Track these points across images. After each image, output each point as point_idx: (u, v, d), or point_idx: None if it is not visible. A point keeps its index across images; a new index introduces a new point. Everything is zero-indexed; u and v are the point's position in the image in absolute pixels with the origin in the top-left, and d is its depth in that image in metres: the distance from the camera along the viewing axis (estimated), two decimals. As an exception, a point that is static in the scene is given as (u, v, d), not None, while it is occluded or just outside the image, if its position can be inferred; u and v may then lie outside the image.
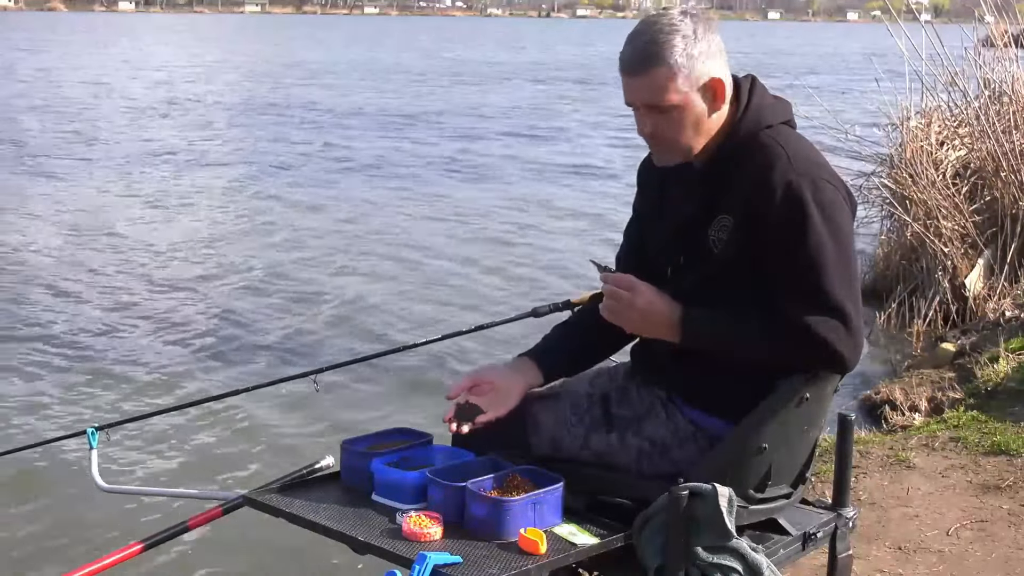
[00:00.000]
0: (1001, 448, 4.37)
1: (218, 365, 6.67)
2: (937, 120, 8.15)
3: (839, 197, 2.21)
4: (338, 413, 5.80)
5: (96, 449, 3.29)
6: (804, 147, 2.25)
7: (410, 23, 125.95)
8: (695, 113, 2.21)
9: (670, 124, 2.21)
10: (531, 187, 13.68)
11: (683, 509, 2.08)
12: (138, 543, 2.94)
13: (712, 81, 2.20)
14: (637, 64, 2.19)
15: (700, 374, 2.27)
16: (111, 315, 7.70)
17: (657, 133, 2.24)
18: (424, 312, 7.90)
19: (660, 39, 2.17)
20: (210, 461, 5.24)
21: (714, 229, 2.23)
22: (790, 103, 2.35)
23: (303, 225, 11.10)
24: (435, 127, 20.19)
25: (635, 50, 2.19)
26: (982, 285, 7.13)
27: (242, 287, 8.55)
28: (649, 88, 2.19)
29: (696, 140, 2.23)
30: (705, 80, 2.19)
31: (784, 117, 2.30)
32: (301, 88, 28.42)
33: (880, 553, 3.57)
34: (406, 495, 2.20)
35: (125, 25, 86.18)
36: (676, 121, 2.21)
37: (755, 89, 2.29)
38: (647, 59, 2.17)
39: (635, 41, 2.20)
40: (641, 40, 2.19)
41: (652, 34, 2.18)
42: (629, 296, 2.21)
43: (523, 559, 2.01)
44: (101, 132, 18.39)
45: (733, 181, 2.23)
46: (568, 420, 2.37)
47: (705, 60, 2.18)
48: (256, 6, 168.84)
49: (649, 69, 2.17)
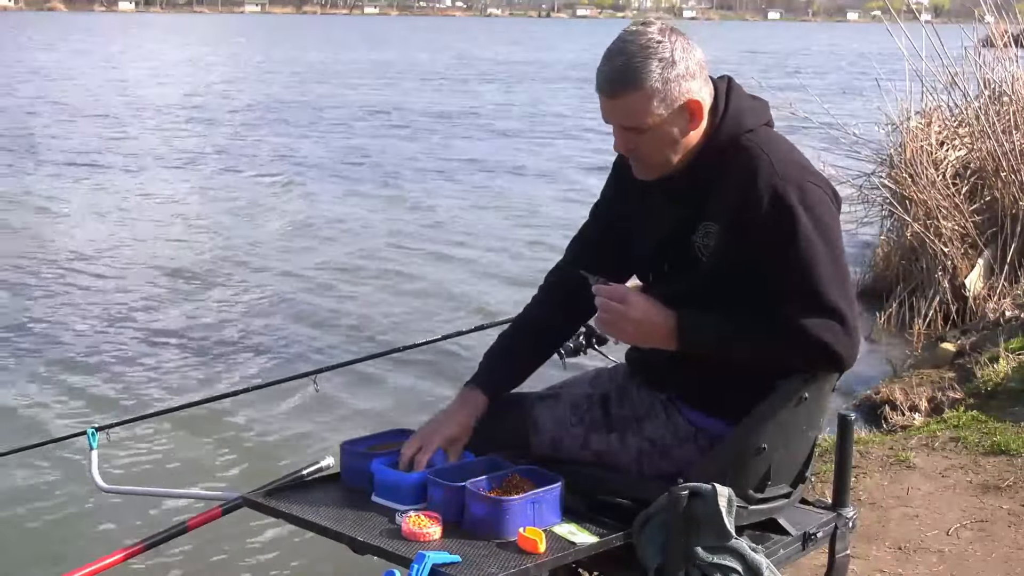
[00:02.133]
0: (1001, 448, 4.37)
1: (218, 365, 6.67)
2: (937, 120, 8.15)
3: (825, 197, 2.20)
4: (338, 413, 5.80)
5: (96, 449, 3.30)
6: (786, 149, 2.24)
7: (411, 23, 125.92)
8: (672, 134, 2.20)
9: (647, 144, 2.21)
10: (534, 187, 13.69)
11: (683, 509, 2.08)
12: (138, 543, 2.95)
13: (689, 103, 2.18)
14: (613, 87, 2.17)
15: (699, 375, 2.26)
16: (111, 315, 7.70)
17: (634, 151, 2.24)
18: (424, 312, 7.90)
19: (635, 64, 2.14)
20: (210, 461, 5.24)
21: (699, 236, 2.23)
22: (767, 102, 2.33)
23: (303, 225, 11.11)
24: (437, 128, 20.20)
25: (611, 71, 2.17)
26: (982, 285, 7.13)
27: (242, 287, 8.55)
28: (625, 111, 2.18)
29: (674, 156, 2.23)
30: (682, 102, 2.17)
31: (763, 119, 2.28)
32: (301, 89, 28.42)
33: (880, 553, 3.57)
34: (406, 495, 2.20)
35: (125, 25, 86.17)
36: (653, 141, 2.20)
37: (732, 92, 2.27)
38: (623, 83, 2.15)
39: (612, 62, 2.17)
40: (618, 62, 2.16)
41: (628, 56, 2.15)
42: (623, 308, 2.19)
43: (522, 558, 2.00)
44: (108, 132, 18.39)
45: (717, 187, 2.22)
46: (568, 420, 2.37)
47: (682, 82, 2.16)
48: (256, 6, 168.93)
49: (625, 93, 2.16)
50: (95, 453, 3.30)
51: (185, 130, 18.98)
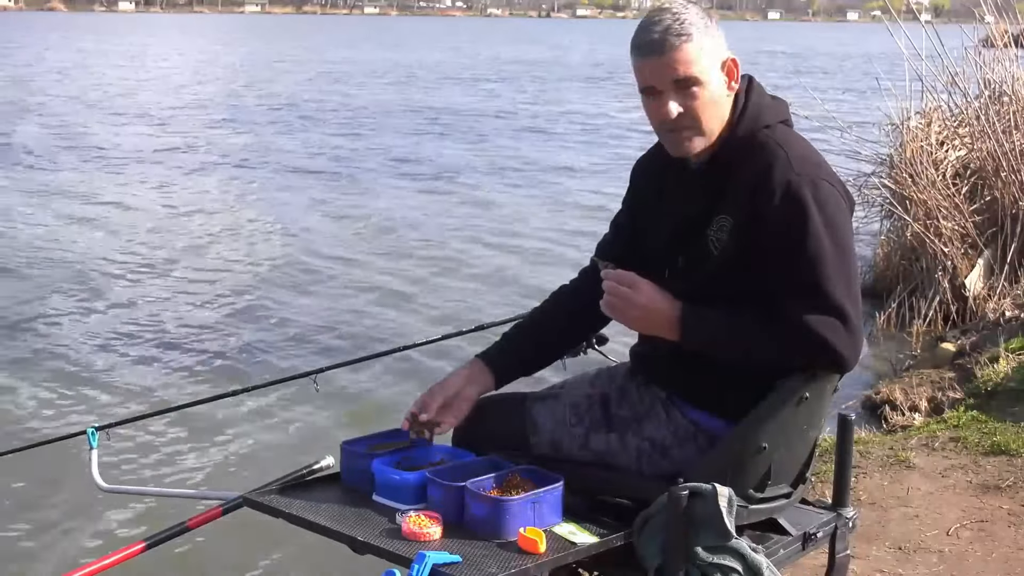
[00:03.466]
0: (1001, 448, 4.37)
1: (218, 365, 6.67)
2: (937, 120, 8.15)
3: (839, 197, 2.21)
4: (338, 413, 5.80)
5: (96, 449, 3.30)
6: (802, 146, 2.26)
7: (411, 23, 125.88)
8: (716, 91, 2.23)
9: (695, 102, 2.22)
10: (538, 187, 13.69)
11: (683, 509, 2.08)
12: (138, 543, 2.95)
13: (729, 60, 2.25)
14: (665, 43, 2.20)
15: (700, 374, 2.27)
16: (111, 315, 7.70)
17: (683, 114, 2.23)
18: (424, 312, 7.90)
19: (682, 18, 2.20)
20: (210, 461, 5.24)
21: (713, 229, 2.23)
22: (787, 102, 2.36)
23: (304, 225, 11.11)
24: (438, 127, 20.19)
25: (660, 31, 2.20)
26: (982, 285, 7.13)
27: (242, 287, 8.55)
28: (680, 62, 2.20)
29: (714, 123, 2.25)
30: (724, 58, 2.24)
31: (782, 116, 2.31)
32: (303, 88, 28.41)
33: (880, 553, 3.57)
34: (406, 495, 2.20)
35: (128, 25, 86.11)
36: (701, 99, 2.22)
37: (752, 89, 2.30)
38: (675, 36, 2.19)
39: (655, 25, 2.21)
40: (662, 23, 2.21)
41: (672, 16, 2.21)
42: (630, 293, 2.20)
43: (522, 558, 2.00)
44: (99, 133, 18.39)
45: (732, 181, 2.23)
46: (568, 420, 2.37)
47: (720, 40, 2.25)
48: (256, 6, 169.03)
49: (678, 44, 2.19)
50: (95, 453, 3.30)
51: (183, 130, 18.97)
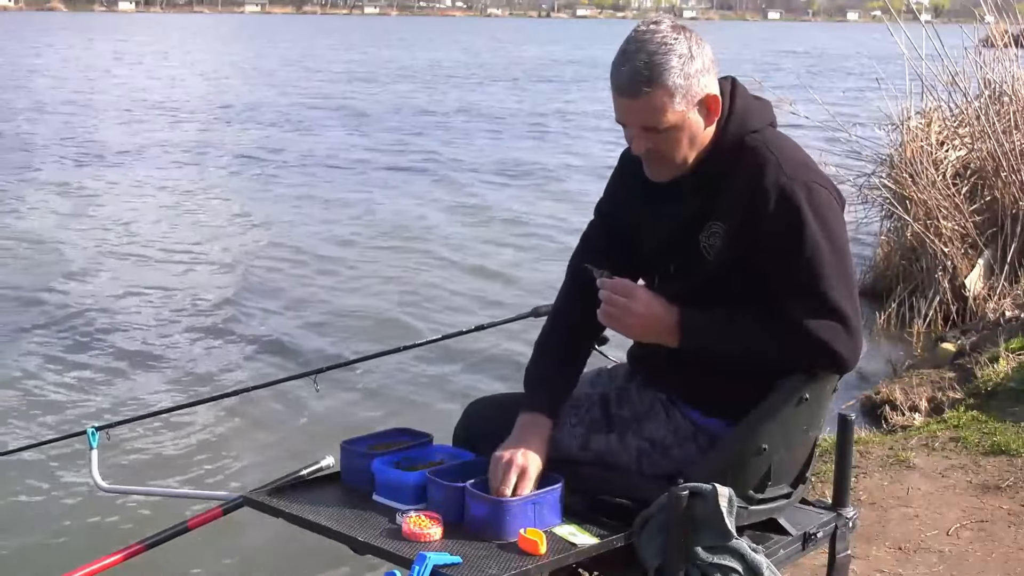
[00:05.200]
0: (1001, 448, 4.37)
1: (218, 365, 6.67)
2: (937, 120, 8.15)
3: (831, 199, 2.21)
4: (338, 413, 5.80)
5: (96, 449, 3.30)
6: (791, 149, 2.24)
7: (412, 23, 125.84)
8: (692, 131, 2.18)
9: (667, 143, 2.19)
10: (538, 187, 13.69)
11: (683, 509, 2.08)
12: (138, 543, 2.95)
13: (707, 97, 2.17)
14: (636, 86, 2.13)
15: (700, 374, 2.26)
16: (111, 315, 7.70)
17: (653, 151, 2.21)
18: (424, 312, 7.90)
19: (656, 59, 2.12)
20: (210, 461, 5.24)
21: (705, 235, 2.22)
22: (770, 103, 2.33)
23: (304, 225, 11.11)
24: (439, 127, 20.19)
25: (631, 72, 2.13)
26: (982, 285, 7.14)
27: (242, 287, 8.54)
28: (647, 110, 2.14)
29: (691, 154, 2.21)
30: (701, 97, 2.17)
31: (768, 119, 2.29)
32: (303, 88, 28.42)
33: (880, 553, 3.57)
34: (406, 495, 2.20)
35: (128, 25, 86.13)
36: (673, 140, 2.18)
37: (737, 92, 2.26)
38: (645, 81, 2.12)
39: (630, 62, 2.13)
40: (637, 61, 2.13)
41: (647, 54, 2.12)
42: (627, 302, 2.19)
43: (523, 559, 2.00)
44: (102, 130, 18.38)
45: (723, 187, 2.22)
46: (568, 421, 2.37)
47: (700, 77, 2.15)
48: (256, 6, 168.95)
49: (647, 92, 2.13)
50: (95, 453, 3.31)
51: (183, 130, 18.96)
